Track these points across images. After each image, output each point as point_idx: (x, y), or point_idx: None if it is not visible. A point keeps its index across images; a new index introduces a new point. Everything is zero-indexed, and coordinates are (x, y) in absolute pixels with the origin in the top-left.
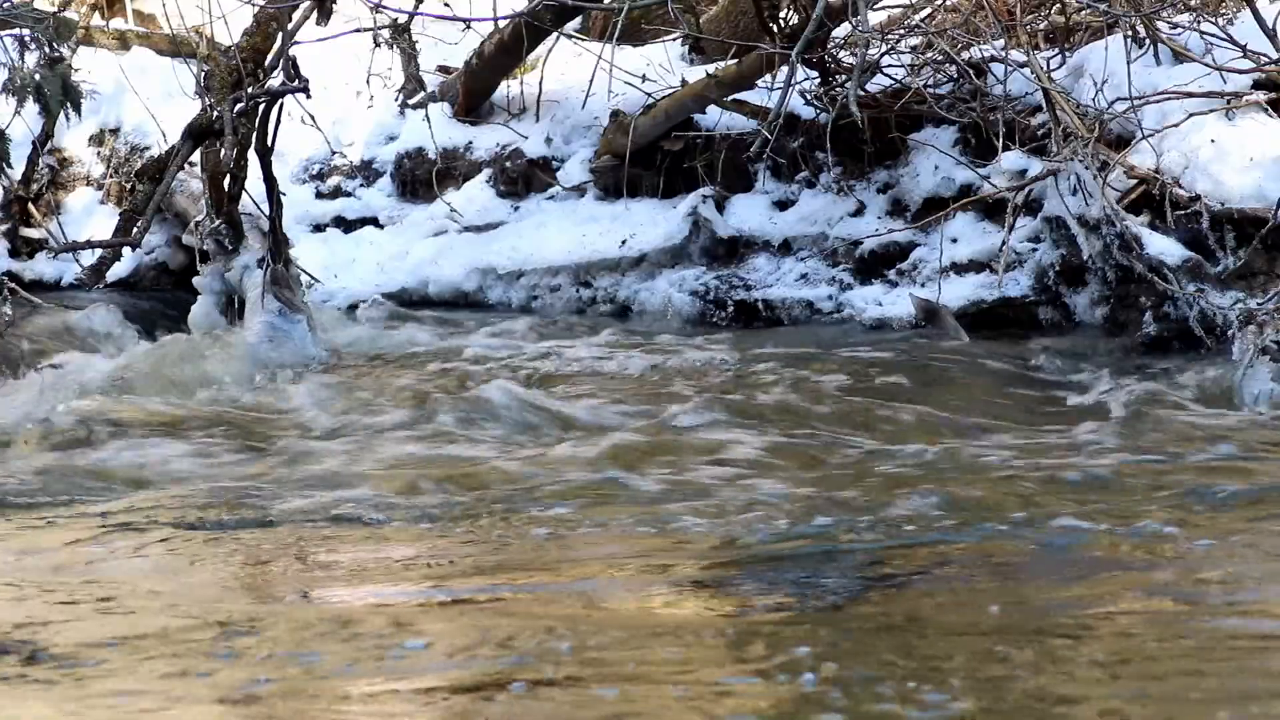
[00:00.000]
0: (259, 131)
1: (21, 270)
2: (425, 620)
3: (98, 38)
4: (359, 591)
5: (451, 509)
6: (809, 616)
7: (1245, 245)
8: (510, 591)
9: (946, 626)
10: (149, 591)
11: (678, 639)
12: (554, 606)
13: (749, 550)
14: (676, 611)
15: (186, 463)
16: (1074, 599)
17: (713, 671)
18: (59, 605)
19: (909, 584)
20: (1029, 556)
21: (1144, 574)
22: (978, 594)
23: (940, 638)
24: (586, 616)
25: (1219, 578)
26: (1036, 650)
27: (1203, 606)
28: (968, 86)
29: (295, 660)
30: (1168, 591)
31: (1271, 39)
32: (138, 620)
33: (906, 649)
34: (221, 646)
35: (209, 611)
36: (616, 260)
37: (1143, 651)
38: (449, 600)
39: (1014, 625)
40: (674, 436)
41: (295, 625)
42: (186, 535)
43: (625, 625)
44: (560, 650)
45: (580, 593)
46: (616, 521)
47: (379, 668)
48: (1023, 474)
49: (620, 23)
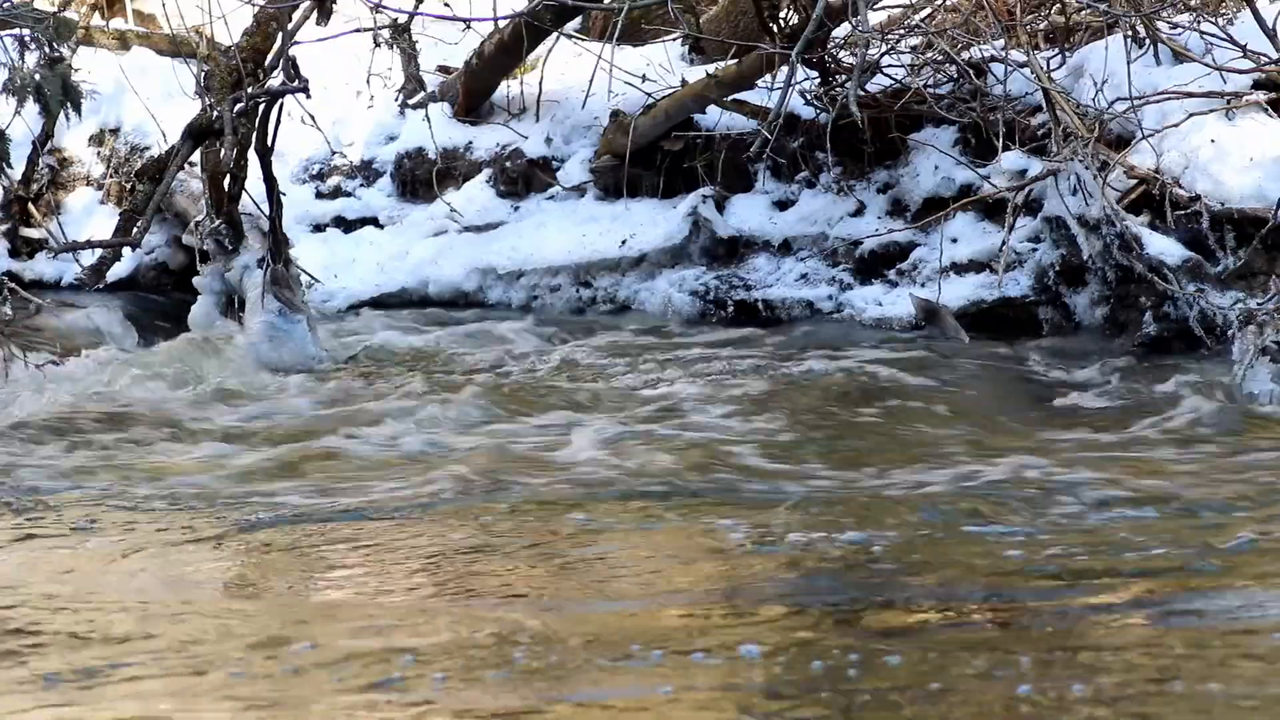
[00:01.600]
0: (259, 131)
1: (21, 270)
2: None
3: (98, 38)
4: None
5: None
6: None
7: (1245, 245)
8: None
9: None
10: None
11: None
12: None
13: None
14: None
15: (186, 462)
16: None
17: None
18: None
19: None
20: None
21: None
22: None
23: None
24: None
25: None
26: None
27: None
28: (968, 86)
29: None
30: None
31: (1271, 39)
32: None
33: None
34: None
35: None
36: (616, 260)
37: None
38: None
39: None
40: (671, 437)
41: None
42: (188, 534)
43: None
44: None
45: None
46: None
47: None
48: (1023, 474)
49: (620, 23)
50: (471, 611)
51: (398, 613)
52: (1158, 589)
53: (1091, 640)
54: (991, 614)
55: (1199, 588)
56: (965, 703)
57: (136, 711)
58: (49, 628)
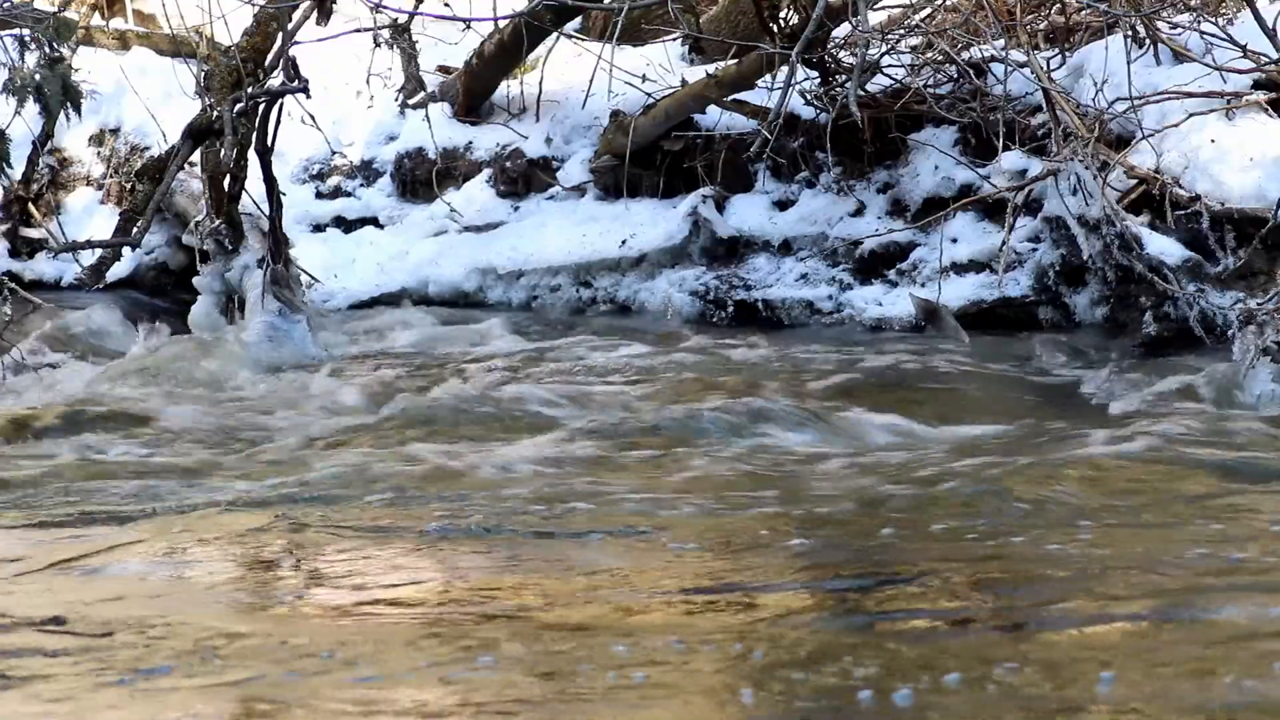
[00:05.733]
0: (259, 131)
1: (21, 270)
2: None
3: (98, 38)
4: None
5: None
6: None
7: (1245, 245)
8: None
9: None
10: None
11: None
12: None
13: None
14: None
15: (185, 463)
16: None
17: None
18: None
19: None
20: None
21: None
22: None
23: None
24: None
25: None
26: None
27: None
28: (968, 86)
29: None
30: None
31: (1271, 39)
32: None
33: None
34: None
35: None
36: (616, 260)
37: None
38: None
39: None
40: (668, 435)
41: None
42: (189, 534)
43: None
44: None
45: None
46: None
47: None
48: (1022, 477)
49: (620, 23)
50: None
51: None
52: (1161, 594)
53: (1093, 642)
54: (992, 613)
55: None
56: (964, 701)
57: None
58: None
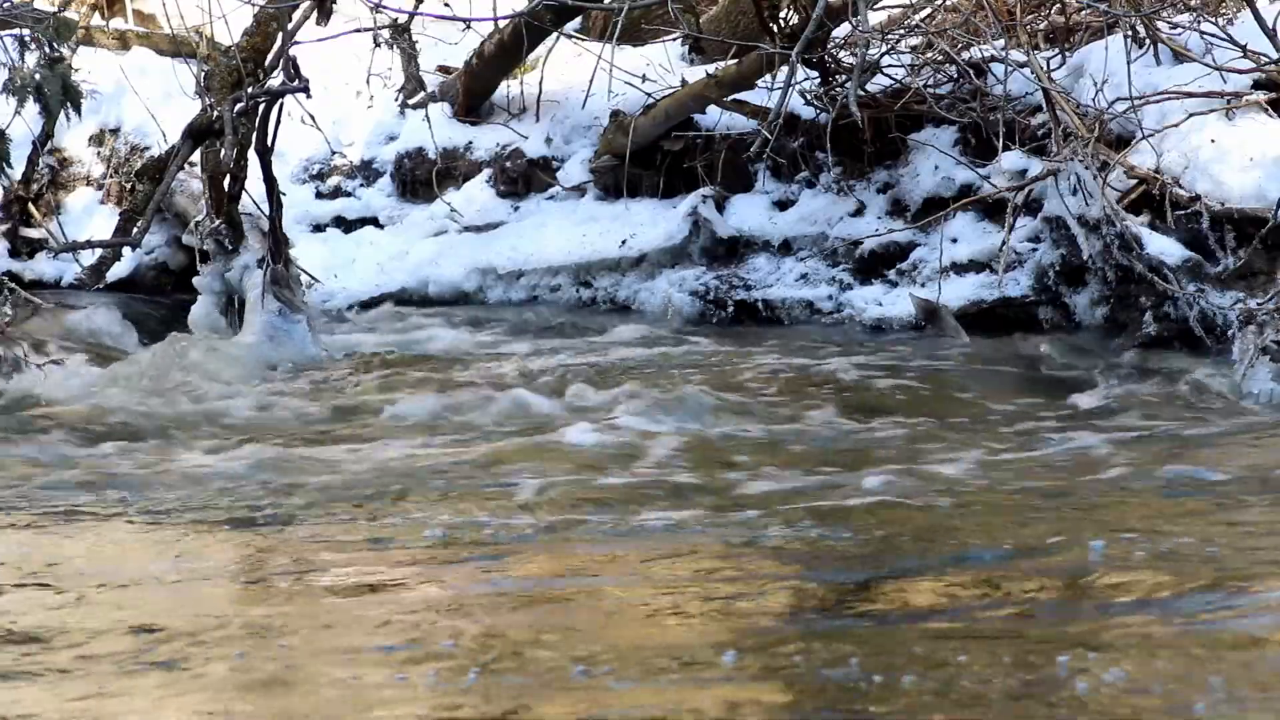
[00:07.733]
0: (259, 131)
1: (21, 270)
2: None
3: (98, 38)
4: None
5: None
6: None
7: (1245, 245)
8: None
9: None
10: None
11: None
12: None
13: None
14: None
15: (185, 461)
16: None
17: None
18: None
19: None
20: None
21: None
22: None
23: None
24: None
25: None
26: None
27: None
28: (968, 86)
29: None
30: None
31: (1271, 39)
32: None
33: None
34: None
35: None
36: (616, 260)
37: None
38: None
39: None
40: (666, 436)
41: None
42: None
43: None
44: None
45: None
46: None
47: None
48: (1021, 477)
49: (620, 23)
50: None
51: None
52: (1163, 589)
53: (1094, 638)
54: (991, 611)
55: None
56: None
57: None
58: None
